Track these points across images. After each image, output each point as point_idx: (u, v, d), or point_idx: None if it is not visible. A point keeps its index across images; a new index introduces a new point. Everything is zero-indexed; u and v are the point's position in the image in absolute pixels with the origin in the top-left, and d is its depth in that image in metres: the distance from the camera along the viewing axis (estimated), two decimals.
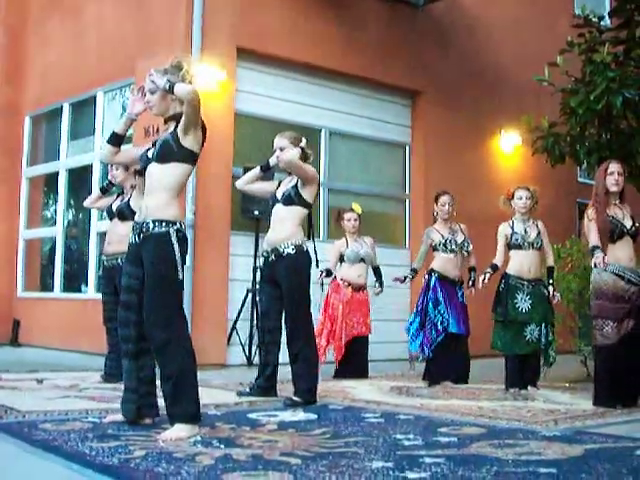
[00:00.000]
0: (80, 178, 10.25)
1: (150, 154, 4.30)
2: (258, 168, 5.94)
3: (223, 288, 8.46)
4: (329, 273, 7.51)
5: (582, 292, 7.65)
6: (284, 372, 5.89)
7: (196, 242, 8.10)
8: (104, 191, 6.96)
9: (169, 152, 4.18)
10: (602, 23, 8.71)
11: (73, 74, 10.11)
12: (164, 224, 4.10)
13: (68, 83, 10.19)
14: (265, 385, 5.79)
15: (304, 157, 5.77)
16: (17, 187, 10.99)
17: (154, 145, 4.34)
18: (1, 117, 10.98)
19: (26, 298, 10.78)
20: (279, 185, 5.90)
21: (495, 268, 6.70)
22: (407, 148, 10.63)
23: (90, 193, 9.56)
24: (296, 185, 5.69)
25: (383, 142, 10.43)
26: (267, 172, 5.98)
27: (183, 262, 4.15)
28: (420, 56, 10.31)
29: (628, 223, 5.63)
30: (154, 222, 4.10)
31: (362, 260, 7.74)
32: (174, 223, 4.13)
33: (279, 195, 5.77)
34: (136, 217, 4.30)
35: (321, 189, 9.59)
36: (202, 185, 8.23)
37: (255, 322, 8.22)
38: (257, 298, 7.77)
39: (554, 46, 8.47)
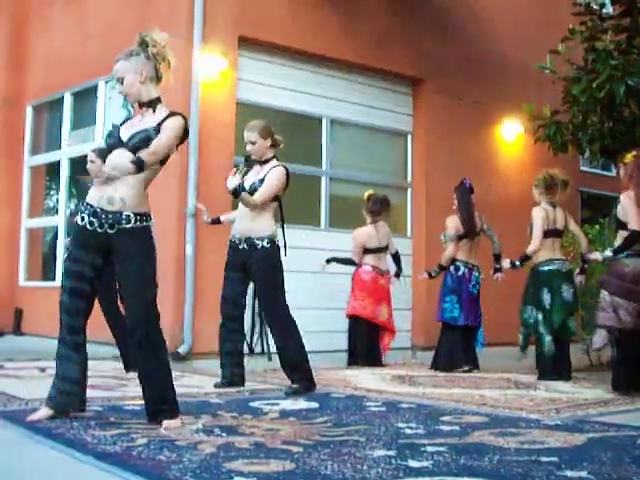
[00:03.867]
0: (82, 167, 10.21)
1: (124, 137, 4.05)
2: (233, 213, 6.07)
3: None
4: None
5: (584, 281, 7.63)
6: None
7: (197, 230, 8.09)
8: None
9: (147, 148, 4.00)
10: (604, 10, 8.66)
11: (75, 64, 10.09)
12: (145, 218, 4.01)
13: (70, 73, 10.17)
14: (236, 373, 5.71)
15: (275, 144, 5.80)
16: (19, 176, 10.99)
17: (123, 125, 4.18)
18: (3, 106, 10.97)
19: (28, 287, 10.79)
20: (246, 173, 5.73)
21: None
22: (409, 136, 10.61)
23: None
24: (263, 178, 5.64)
25: (384, 130, 10.41)
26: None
27: None
28: (421, 44, 10.28)
29: None
30: (136, 215, 3.97)
31: None
32: (151, 217, 4.06)
33: (247, 185, 5.67)
34: (103, 205, 3.98)
35: (323, 178, 9.60)
36: (204, 174, 8.22)
37: (257, 310, 8.22)
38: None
39: (556, 34, 8.43)
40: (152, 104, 4.15)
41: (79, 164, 10.27)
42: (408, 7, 10.24)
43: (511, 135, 11.25)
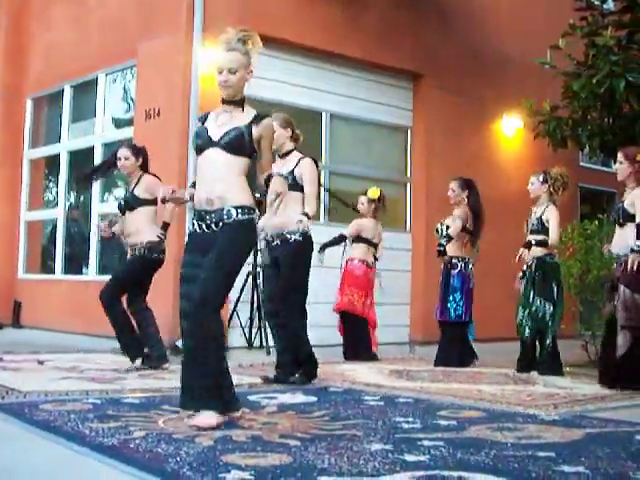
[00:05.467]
0: (81, 160, 10.23)
1: (215, 137, 4.03)
2: None
3: None
4: None
5: (582, 277, 7.64)
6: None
7: None
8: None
9: (241, 145, 3.99)
10: (605, 6, 8.65)
11: (75, 56, 10.08)
12: (247, 210, 3.97)
13: (69, 65, 10.16)
14: (288, 372, 5.67)
15: (294, 139, 5.79)
16: (18, 169, 10.98)
17: (205, 123, 4.15)
18: (3, 99, 10.96)
19: (27, 280, 10.80)
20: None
21: None
22: (408, 131, 10.60)
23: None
24: (293, 171, 5.64)
25: (384, 125, 10.40)
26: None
27: None
28: (422, 39, 10.26)
29: None
30: (237, 209, 3.93)
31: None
32: (254, 210, 4.03)
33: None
34: (203, 206, 3.99)
35: (322, 172, 9.59)
36: None
37: (256, 305, 8.21)
38: (259, 281, 7.77)
39: (557, 29, 8.42)
40: (243, 102, 4.13)
41: (78, 157, 10.30)
42: (409, 3, 10.21)
43: (511, 130, 11.24)
